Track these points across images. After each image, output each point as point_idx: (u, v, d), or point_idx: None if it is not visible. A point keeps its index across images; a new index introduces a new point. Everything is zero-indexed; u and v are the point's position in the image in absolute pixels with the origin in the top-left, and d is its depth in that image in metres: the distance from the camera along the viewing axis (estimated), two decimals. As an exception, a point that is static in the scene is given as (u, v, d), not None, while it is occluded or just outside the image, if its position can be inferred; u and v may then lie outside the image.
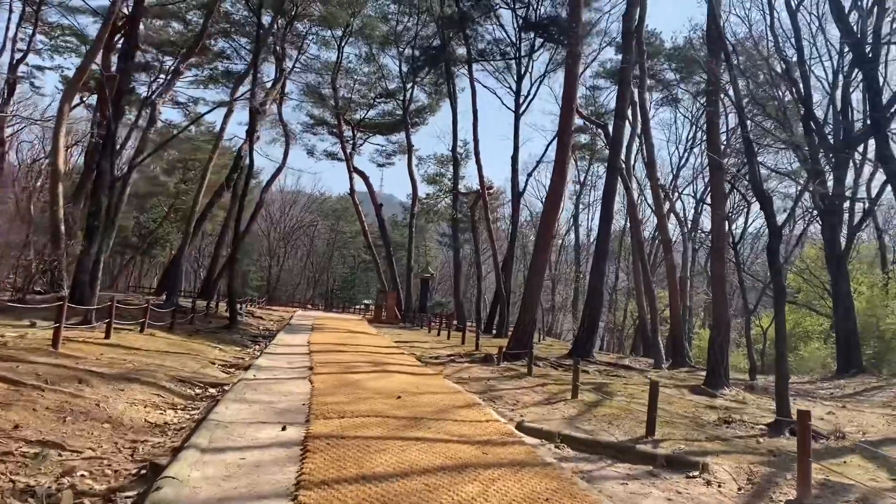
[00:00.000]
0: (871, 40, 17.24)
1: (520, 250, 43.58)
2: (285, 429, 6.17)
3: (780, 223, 10.52)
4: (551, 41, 32.11)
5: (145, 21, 24.38)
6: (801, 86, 16.59)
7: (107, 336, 11.94)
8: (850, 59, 19.01)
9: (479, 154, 33.54)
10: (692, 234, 36.33)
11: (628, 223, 34.72)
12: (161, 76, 28.68)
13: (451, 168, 37.80)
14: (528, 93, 33.61)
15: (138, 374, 8.51)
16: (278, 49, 30.00)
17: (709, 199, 24.14)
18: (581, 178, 47.85)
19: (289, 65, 33.62)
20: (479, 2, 32.26)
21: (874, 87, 16.51)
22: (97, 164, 18.17)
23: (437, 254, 65.58)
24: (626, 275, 44.17)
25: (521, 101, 32.86)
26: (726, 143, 20.66)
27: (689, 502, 4.98)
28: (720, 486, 5.41)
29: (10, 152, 32.16)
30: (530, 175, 38.73)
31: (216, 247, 35.28)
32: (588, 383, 11.73)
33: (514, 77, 33.37)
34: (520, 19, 32.01)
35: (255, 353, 13.91)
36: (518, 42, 32.86)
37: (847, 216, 23.68)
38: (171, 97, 30.65)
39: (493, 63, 35.15)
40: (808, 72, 17.67)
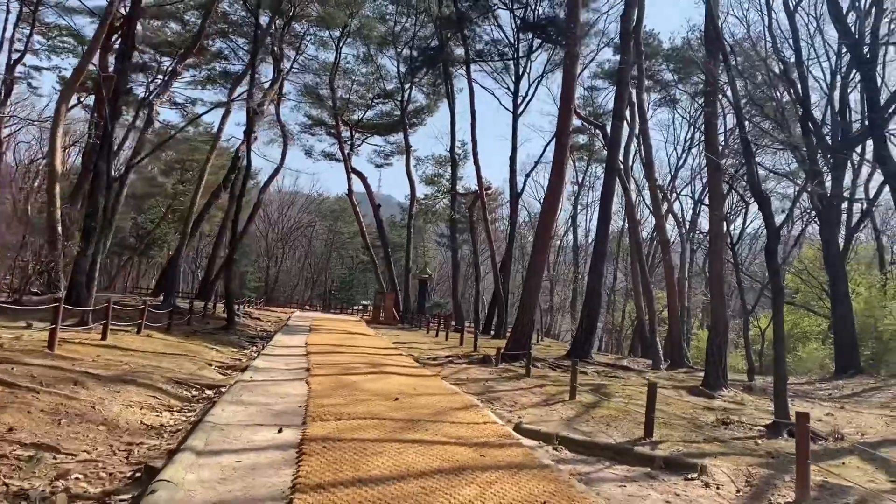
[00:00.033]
0: (868, 41, 17.30)
1: (518, 251, 43.61)
2: (282, 431, 6.14)
3: (778, 224, 10.51)
4: (549, 42, 32.15)
5: (143, 21, 24.33)
6: (799, 86, 16.60)
7: (103, 337, 11.89)
8: (847, 59, 19.06)
9: (477, 155, 33.59)
10: (690, 234, 36.38)
11: (626, 224, 34.71)
12: (159, 77, 28.64)
13: (450, 169, 37.82)
14: (527, 93, 33.69)
15: (134, 375, 8.47)
16: (276, 49, 29.96)
17: (707, 200, 24.14)
18: (579, 179, 48.11)
19: (287, 65, 33.60)
20: (478, 2, 32.27)
21: (872, 88, 16.56)
22: (94, 165, 18.12)
23: (435, 254, 65.59)
24: (624, 275, 44.24)
25: (519, 101, 32.91)
26: (724, 143, 20.65)
27: (687, 505, 4.96)
28: (718, 488, 5.39)
29: (7, 153, 32.18)
30: (528, 176, 38.84)
31: (214, 248, 35.26)
32: (586, 384, 11.72)
33: (513, 78, 33.44)
34: (518, 20, 32.05)
35: (253, 355, 13.86)
36: (516, 43, 32.91)
37: (845, 217, 23.78)
38: (169, 98, 30.64)
39: (491, 64, 35.20)
40: (806, 72, 17.72)
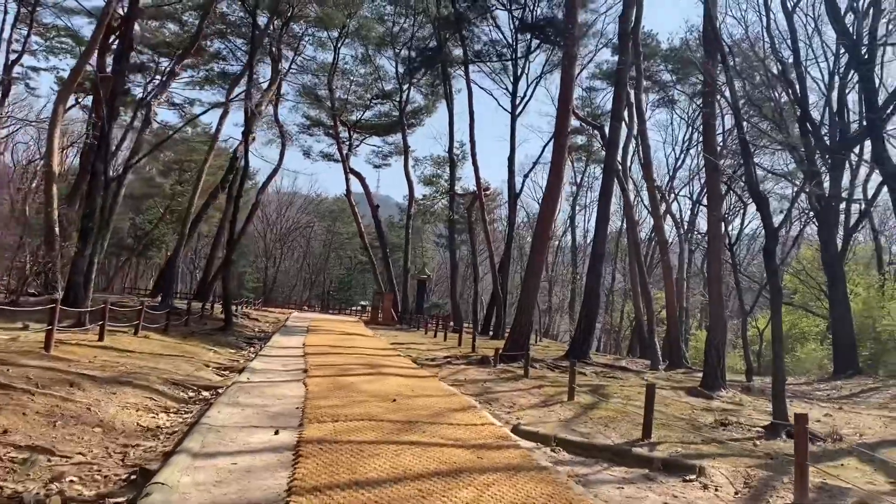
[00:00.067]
0: (867, 41, 17.30)
1: (516, 251, 43.61)
2: (278, 433, 6.12)
3: (776, 224, 10.49)
4: (548, 42, 32.15)
5: (140, 22, 24.28)
6: (798, 87, 16.58)
7: (100, 338, 11.86)
8: (846, 60, 19.05)
9: (475, 155, 33.58)
10: (689, 235, 36.37)
11: (625, 224, 34.66)
12: (156, 77, 28.63)
13: (448, 169, 37.80)
14: (525, 94, 33.73)
15: (131, 376, 8.43)
16: (274, 50, 29.92)
17: (705, 201, 24.12)
18: (577, 180, 48.11)
19: (285, 66, 33.55)
20: (476, 3, 32.25)
21: (870, 89, 16.56)
22: (92, 166, 18.08)
23: (433, 255, 65.57)
24: (622, 276, 44.25)
25: (517, 102, 32.89)
26: (723, 144, 20.59)
27: (685, 507, 4.94)
28: (717, 490, 5.37)
29: (5, 154, 32.18)
30: (527, 176, 38.80)
31: (212, 248, 35.22)
32: (584, 385, 11.70)
33: (511, 78, 33.39)
34: (516, 20, 32.03)
35: (250, 356, 13.83)
36: (514, 43, 32.87)
37: (843, 217, 23.78)
38: (167, 98, 30.49)
39: (489, 64, 35.15)
40: (805, 73, 17.68)
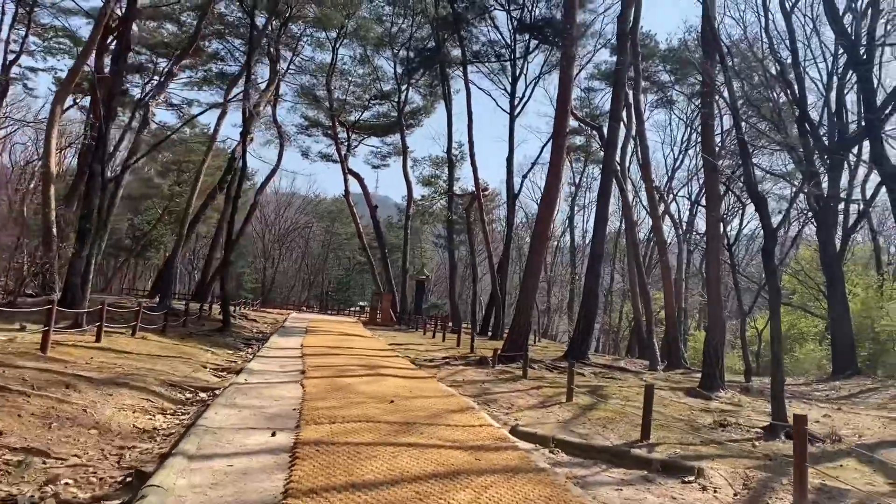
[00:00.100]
0: (865, 42, 17.30)
1: (515, 252, 43.56)
2: (275, 434, 6.09)
3: (774, 225, 10.48)
4: (546, 43, 32.13)
5: (138, 23, 24.23)
6: (796, 87, 16.57)
7: (97, 339, 11.81)
8: (844, 60, 19.05)
9: (474, 156, 33.54)
10: (687, 235, 36.33)
11: (623, 225, 34.59)
12: (154, 78, 28.58)
13: (447, 170, 37.75)
14: (523, 95, 33.71)
15: (128, 378, 8.40)
16: (272, 51, 29.90)
17: (704, 201, 24.10)
18: (576, 180, 48.11)
19: (283, 66, 33.56)
20: (474, 3, 32.24)
21: (868, 89, 16.56)
22: (89, 166, 18.02)
23: (432, 255, 65.56)
24: (621, 276, 44.24)
25: (515, 102, 32.86)
26: (721, 144, 20.60)
27: (684, 508, 4.92)
28: (716, 492, 5.35)
29: (2, 154, 32.07)
30: (525, 177, 38.68)
31: (210, 249, 35.12)
32: (583, 386, 11.68)
33: (509, 79, 33.34)
34: (514, 21, 32.00)
35: (248, 357, 13.80)
36: (513, 44, 32.86)
37: (842, 218, 23.77)
38: (165, 99, 30.45)
39: (487, 65, 35.13)
40: (803, 73, 17.65)
